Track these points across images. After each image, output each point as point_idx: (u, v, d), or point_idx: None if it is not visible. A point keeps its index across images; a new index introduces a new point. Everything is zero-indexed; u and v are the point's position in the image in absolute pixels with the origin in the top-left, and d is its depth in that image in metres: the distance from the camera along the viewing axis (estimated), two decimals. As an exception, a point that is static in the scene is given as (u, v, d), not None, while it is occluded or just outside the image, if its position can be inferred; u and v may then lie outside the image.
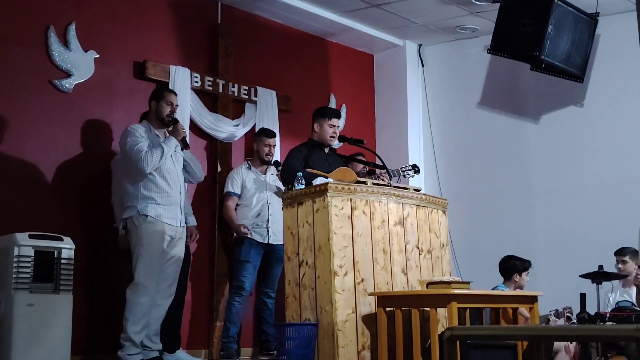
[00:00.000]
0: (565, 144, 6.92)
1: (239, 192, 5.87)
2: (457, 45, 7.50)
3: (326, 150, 5.40)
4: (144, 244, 4.81)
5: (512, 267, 5.62)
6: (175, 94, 5.23)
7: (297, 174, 4.88)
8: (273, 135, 6.05)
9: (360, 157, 6.11)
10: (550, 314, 5.44)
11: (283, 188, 5.81)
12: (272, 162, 5.98)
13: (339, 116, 5.49)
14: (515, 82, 7.15)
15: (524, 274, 5.62)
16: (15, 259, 4.43)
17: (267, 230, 5.81)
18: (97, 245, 5.26)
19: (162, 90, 5.21)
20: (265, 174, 5.98)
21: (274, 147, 6.00)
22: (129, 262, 4.90)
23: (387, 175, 5.39)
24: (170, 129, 5.06)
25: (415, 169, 5.87)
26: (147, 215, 4.85)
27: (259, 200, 5.85)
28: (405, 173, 5.82)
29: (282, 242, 5.75)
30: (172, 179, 5.00)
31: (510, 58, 6.46)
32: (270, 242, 5.81)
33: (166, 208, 4.92)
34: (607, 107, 6.74)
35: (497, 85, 7.30)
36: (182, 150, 5.10)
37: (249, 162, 6.03)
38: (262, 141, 5.98)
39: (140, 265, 4.79)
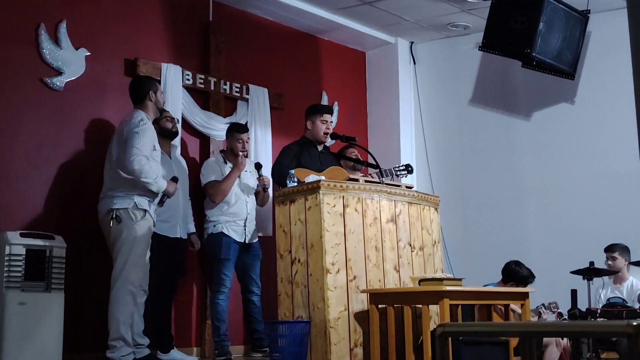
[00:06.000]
0: (557, 141, 6.94)
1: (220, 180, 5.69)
2: (448, 42, 7.51)
3: (319, 148, 5.39)
4: (138, 241, 4.73)
5: (514, 273, 5.53)
6: None
7: (289, 171, 4.87)
8: (245, 130, 5.85)
9: (353, 151, 6.05)
10: (542, 307, 5.47)
11: (256, 186, 5.76)
12: (254, 164, 5.84)
13: (331, 112, 5.48)
14: (507, 79, 7.17)
15: (513, 285, 5.53)
16: (6, 258, 4.42)
17: (245, 229, 5.72)
18: (88, 244, 5.24)
19: (155, 81, 5.18)
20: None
21: (247, 142, 5.78)
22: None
23: (379, 175, 5.40)
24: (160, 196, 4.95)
25: (409, 168, 5.86)
26: (145, 211, 4.80)
27: (237, 198, 5.70)
28: (398, 173, 5.81)
29: (256, 240, 5.77)
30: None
31: (501, 55, 6.48)
32: (246, 242, 5.74)
33: (153, 204, 4.90)
34: (598, 104, 6.77)
35: (489, 82, 7.32)
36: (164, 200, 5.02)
37: (223, 157, 5.81)
38: (234, 137, 5.75)
39: (130, 263, 4.71)
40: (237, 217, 5.70)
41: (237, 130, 5.79)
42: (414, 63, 7.66)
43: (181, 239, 5.47)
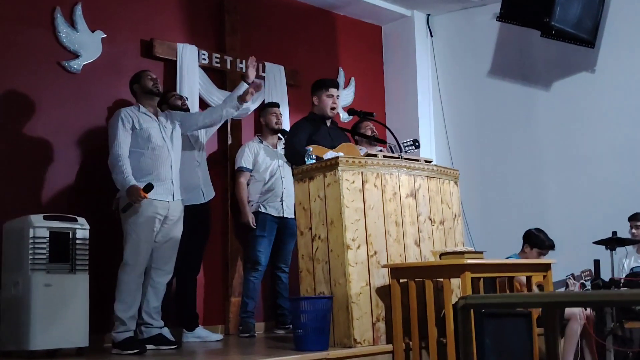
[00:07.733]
0: (577, 111, 6.87)
1: (251, 167, 5.85)
2: (466, 14, 7.43)
3: (328, 123, 5.33)
4: (132, 224, 4.79)
5: (533, 239, 5.48)
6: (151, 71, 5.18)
7: (307, 148, 4.86)
8: (277, 105, 6.10)
9: (368, 125, 6.02)
10: (570, 277, 5.44)
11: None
12: (281, 132, 5.97)
13: (336, 86, 5.37)
14: (526, 49, 7.08)
15: (536, 250, 5.47)
16: (31, 240, 4.47)
17: (282, 204, 5.83)
18: (111, 225, 5.28)
19: (139, 73, 5.11)
20: (276, 148, 5.97)
21: (281, 115, 6.04)
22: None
23: (392, 149, 5.36)
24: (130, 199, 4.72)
25: (416, 143, 5.73)
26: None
27: (272, 174, 5.84)
28: (407, 148, 5.68)
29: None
30: (161, 155, 4.91)
31: (520, 25, 6.40)
32: (284, 216, 5.82)
33: (154, 185, 4.80)
34: (618, 72, 6.67)
35: (507, 53, 7.23)
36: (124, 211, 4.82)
37: (259, 137, 6.02)
38: (269, 112, 5.99)
39: (128, 246, 4.80)
40: (274, 193, 5.82)
41: (270, 106, 6.06)
42: (431, 36, 7.59)
43: (204, 204, 5.52)
